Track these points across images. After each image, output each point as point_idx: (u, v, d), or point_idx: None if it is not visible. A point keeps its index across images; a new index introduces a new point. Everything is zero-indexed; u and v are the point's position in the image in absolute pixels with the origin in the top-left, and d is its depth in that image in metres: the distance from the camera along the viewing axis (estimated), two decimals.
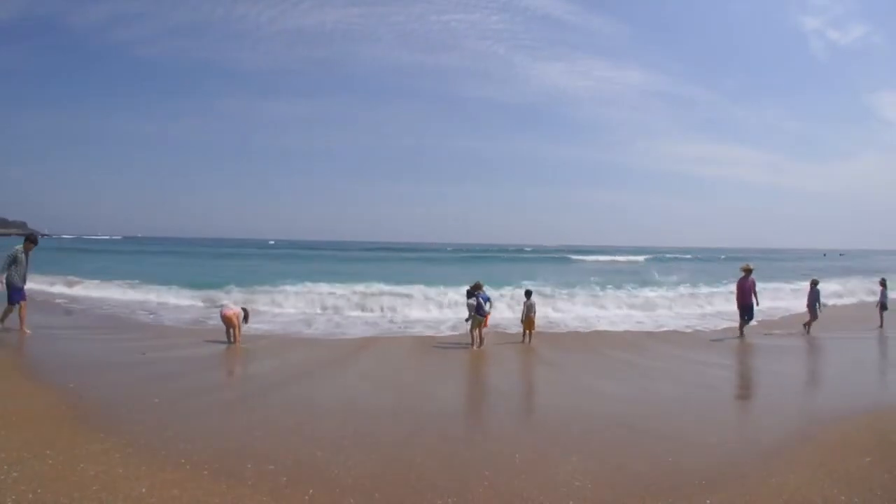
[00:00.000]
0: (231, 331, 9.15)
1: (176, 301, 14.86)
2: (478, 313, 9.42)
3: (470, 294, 9.61)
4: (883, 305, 12.69)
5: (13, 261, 8.51)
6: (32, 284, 10.66)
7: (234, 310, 9.37)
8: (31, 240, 8.89)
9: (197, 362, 7.80)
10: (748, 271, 11.60)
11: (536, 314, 10.39)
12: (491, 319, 10.37)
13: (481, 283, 9.85)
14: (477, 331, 9.49)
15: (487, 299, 9.72)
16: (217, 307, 11.36)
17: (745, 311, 11.36)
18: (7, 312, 8.68)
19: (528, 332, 10.10)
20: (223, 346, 8.85)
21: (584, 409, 5.69)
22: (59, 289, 16.71)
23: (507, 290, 15.26)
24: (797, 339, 11.21)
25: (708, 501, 3.38)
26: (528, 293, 10.41)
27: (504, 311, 13.33)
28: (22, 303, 8.59)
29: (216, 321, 9.88)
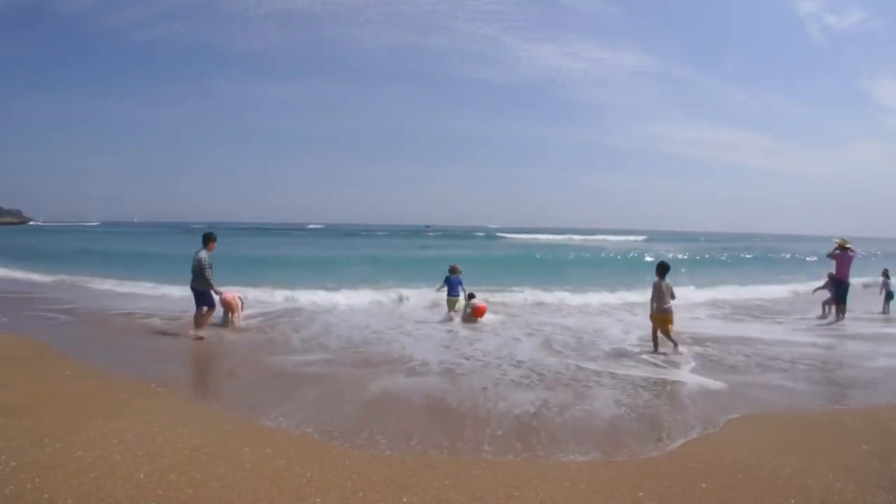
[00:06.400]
0: (230, 315, 9.18)
1: None
2: (449, 294, 10.15)
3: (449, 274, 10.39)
4: (889, 295, 12.69)
5: (210, 266, 8.14)
6: None
7: (233, 293, 9.37)
8: (211, 238, 8.25)
9: (193, 349, 7.80)
10: (845, 247, 11.12)
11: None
12: None
13: (458, 266, 10.45)
14: (452, 311, 10.16)
15: (459, 283, 10.26)
16: None
17: (845, 289, 10.89)
18: (206, 317, 8.38)
19: (664, 334, 7.40)
20: (222, 331, 8.83)
21: None
22: None
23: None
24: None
25: (703, 485, 3.40)
26: (661, 267, 7.57)
27: None
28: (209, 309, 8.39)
29: None
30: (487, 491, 3.29)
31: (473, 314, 9.98)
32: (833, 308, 11.22)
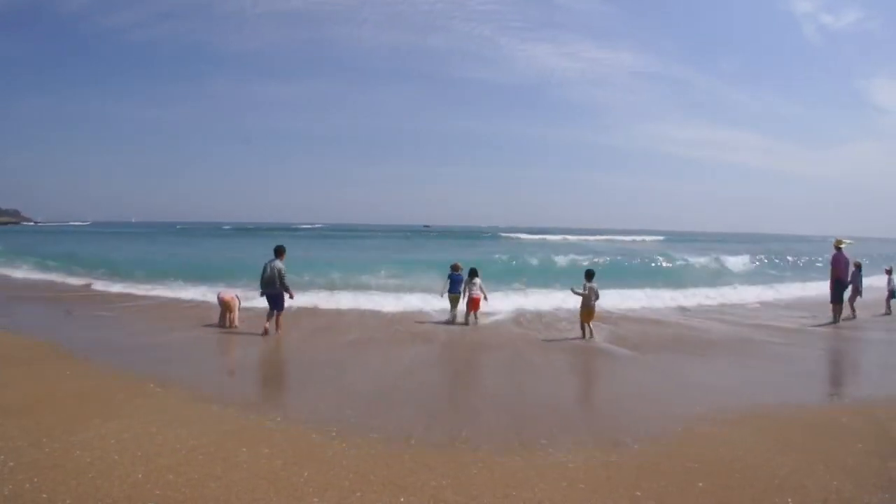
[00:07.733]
0: (228, 315, 9.22)
1: None
2: (450, 291, 10.42)
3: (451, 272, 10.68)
4: (892, 293, 12.60)
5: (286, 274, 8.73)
6: None
7: (231, 294, 9.46)
8: (282, 250, 8.90)
9: (195, 348, 7.81)
10: (839, 247, 11.17)
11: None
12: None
13: (459, 264, 10.82)
14: (453, 309, 10.39)
15: (460, 280, 10.49)
16: None
17: (843, 288, 10.88)
18: (278, 318, 8.76)
19: (586, 324, 8.92)
20: (220, 331, 8.85)
21: None
22: None
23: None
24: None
25: (700, 484, 3.41)
26: (589, 274, 9.17)
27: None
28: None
29: None
30: (485, 491, 3.28)
31: (470, 307, 10.15)
32: (848, 307, 11.16)
